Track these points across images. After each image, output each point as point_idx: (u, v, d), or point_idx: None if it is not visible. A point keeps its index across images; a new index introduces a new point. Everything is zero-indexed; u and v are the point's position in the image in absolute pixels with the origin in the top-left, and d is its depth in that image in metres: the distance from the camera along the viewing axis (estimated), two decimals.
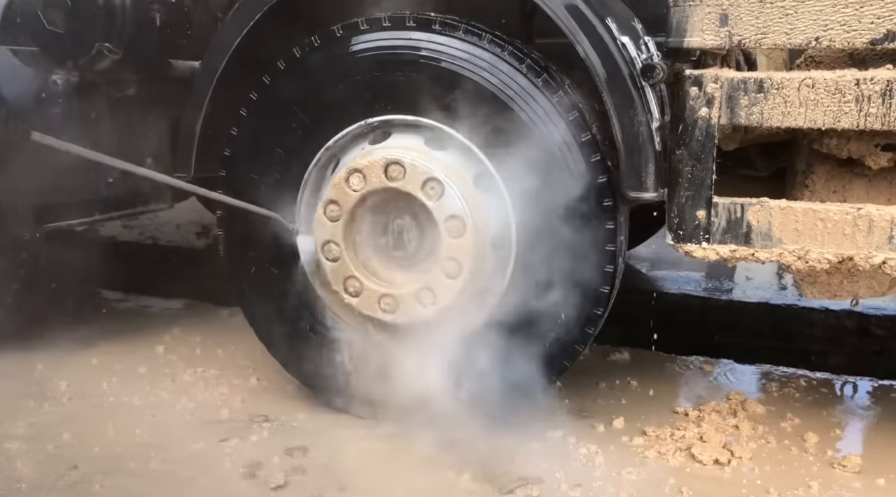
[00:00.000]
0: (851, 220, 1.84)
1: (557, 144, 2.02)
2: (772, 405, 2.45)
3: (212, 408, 2.39)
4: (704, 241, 1.97)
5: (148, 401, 2.44)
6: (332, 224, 2.18)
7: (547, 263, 2.08)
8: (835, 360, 2.82)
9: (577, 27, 1.96)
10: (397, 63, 2.08)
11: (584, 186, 2.03)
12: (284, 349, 2.37)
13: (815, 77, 1.82)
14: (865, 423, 2.46)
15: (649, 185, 1.96)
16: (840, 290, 2.10)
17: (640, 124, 1.94)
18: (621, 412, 2.37)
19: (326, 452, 2.14)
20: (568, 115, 2.02)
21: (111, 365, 2.71)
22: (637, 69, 1.94)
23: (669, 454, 2.15)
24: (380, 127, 2.16)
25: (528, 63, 2.03)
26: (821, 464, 2.11)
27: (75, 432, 2.23)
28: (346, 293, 2.20)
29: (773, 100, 1.86)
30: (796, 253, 1.89)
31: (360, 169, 2.11)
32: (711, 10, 1.87)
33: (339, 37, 2.14)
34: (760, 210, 1.91)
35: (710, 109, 1.90)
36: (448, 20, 2.07)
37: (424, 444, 2.12)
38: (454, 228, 2.08)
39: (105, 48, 2.37)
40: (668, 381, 2.68)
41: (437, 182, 2.06)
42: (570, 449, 2.17)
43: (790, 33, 1.83)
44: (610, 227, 2.05)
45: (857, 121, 1.80)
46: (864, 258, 1.84)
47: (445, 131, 2.09)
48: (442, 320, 2.13)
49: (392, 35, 2.10)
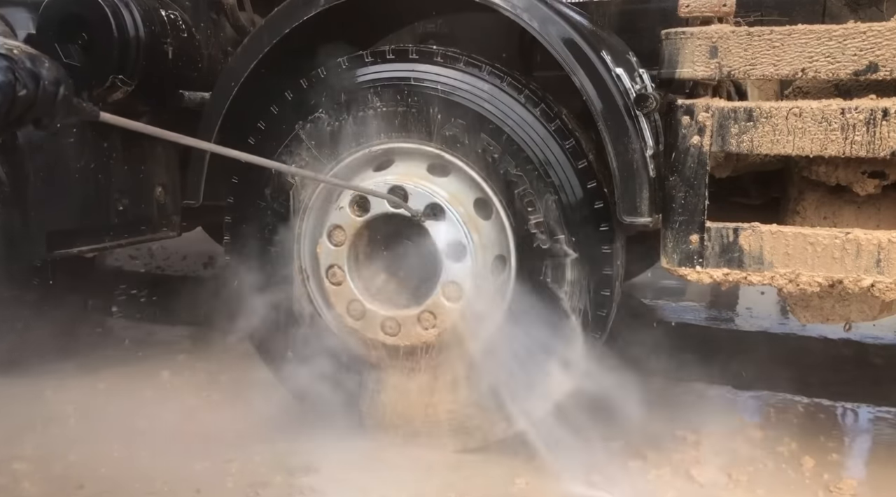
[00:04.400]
0: (840, 243, 1.89)
1: (555, 171, 2.09)
2: (770, 429, 2.47)
3: (216, 430, 2.42)
4: (698, 265, 2.02)
5: (153, 424, 2.48)
6: (336, 249, 2.24)
7: (545, 287, 2.13)
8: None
9: (574, 59, 2.04)
10: (400, 93, 2.16)
11: (581, 212, 2.09)
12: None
13: (802, 106, 1.89)
14: (862, 448, 2.48)
15: (644, 211, 2.02)
16: (832, 314, 2.14)
17: (635, 152, 2.01)
18: (620, 435, 2.39)
19: (329, 471, 2.17)
20: (565, 143, 2.09)
21: (117, 389, 2.75)
22: (631, 99, 2.02)
23: (668, 476, 2.17)
24: (383, 154, 2.23)
25: (527, 93, 2.11)
26: (816, 487, 2.13)
27: (82, 454, 2.26)
28: (349, 316, 2.25)
29: (763, 128, 1.92)
30: (787, 276, 1.93)
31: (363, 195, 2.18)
32: (702, 43, 1.95)
33: (345, 68, 2.23)
34: (752, 234, 1.97)
35: (701, 137, 1.97)
36: (449, 53, 2.16)
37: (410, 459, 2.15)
38: (455, 253, 2.13)
39: (119, 80, 2.46)
40: (667, 406, 2.70)
41: (438, 207, 2.13)
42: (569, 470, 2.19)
43: (777, 65, 1.90)
44: (607, 252, 2.10)
45: (843, 148, 1.86)
46: (853, 281, 1.89)
47: (446, 158, 2.16)
48: (442, 343, 2.18)
49: (395, 67, 2.19)
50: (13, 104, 1.40)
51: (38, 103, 1.44)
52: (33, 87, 1.43)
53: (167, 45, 2.55)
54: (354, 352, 2.31)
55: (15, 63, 1.41)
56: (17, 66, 1.41)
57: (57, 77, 1.48)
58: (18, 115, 1.43)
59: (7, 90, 1.39)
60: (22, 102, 1.41)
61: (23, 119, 1.45)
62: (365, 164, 2.26)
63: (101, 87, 2.46)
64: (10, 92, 1.39)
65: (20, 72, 1.41)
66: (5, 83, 1.38)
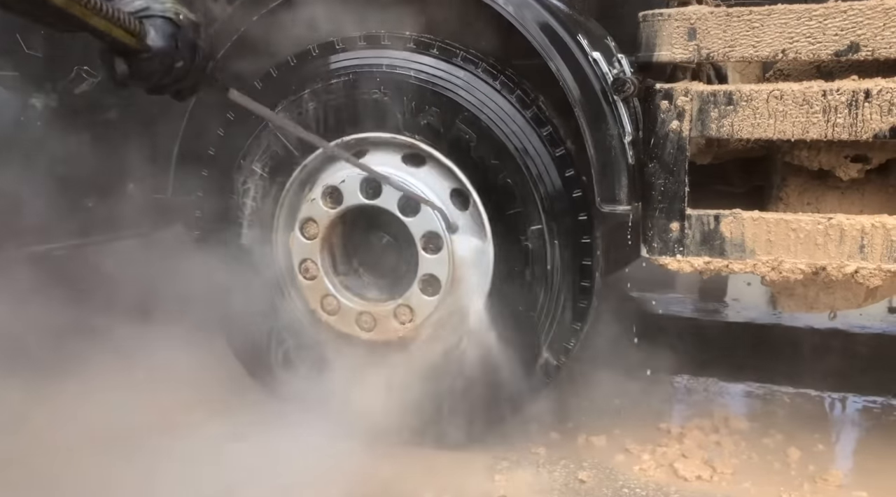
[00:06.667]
0: (823, 229, 1.84)
1: (532, 160, 2.03)
2: (755, 421, 2.43)
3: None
4: (679, 253, 1.97)
5: None
6: (309, 242, 2.18)
7: (524, 279, 2.08)
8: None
9: (550, 44, 1.99)
10: (372, 81, 2.10)
11: (560, 201, 2.03)
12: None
13: (783, 89, 1.84)
14: (848, 438, 2.44)
15: (622, 199, 1.97)
16: (816, 303, 2.10)
17: (613, 138, 1.96)
18: (604, 429, 2.35)
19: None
20: (542, 130, 2.03)
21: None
22: (609, 84, 1.96)
23: (651, 470, 2.13)
24: (356, 144, 2.17)
25: (502, 80, 2.05)
26: (802, 478, 2.09)
27: None
28: (323, 311, 2.19)
29: (743, 112, 1.88)
30: (770, 264, 1.89)
31: (336, 186, 2.12)
32: (679, 24, 1.90)
33: (315, 56, 2.16)
34: (733, 221, 1.92)
35: (681, 122, 1.92)
36: (423, 38, 2.10)
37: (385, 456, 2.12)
38: (431, 245, 2.08)
39: (84, 72, 2.39)
40: (652, 399, 2.66)
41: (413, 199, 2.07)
42: (552, 466, 2.15)
43: (757, 46, 1.86)
44: (586, 242, 2.05)
45: (826, 131, 1.82)
46: (836, 268, 1.85)
47: (421, 148, 2.10)
48: (419, 337, 2.13)
49: (367, 54, 2.13)
50: (165, 74, 1.35)
51: (189, 76, 1.39)
52: (189, 59, 1.38)
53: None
54: (329, 347, 2.25)
55: (179, 31, 1.34)
56: (181, 35, 1.35)
57: (211, 51, 1.44)
58: (166, 83, 1.38)
59: (166, 59, 1.33)
60: (176, 74, 1.36)
61: (168, 87, 1.40)
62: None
63: (66, 78, 2.39)
64: (169, 61, 1.34)
65: (182, 42, 1.35)
66: (166, 51, 1.32)
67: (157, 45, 1.31)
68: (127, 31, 1.27)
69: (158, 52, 1.32)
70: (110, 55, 1.32)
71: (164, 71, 1.34)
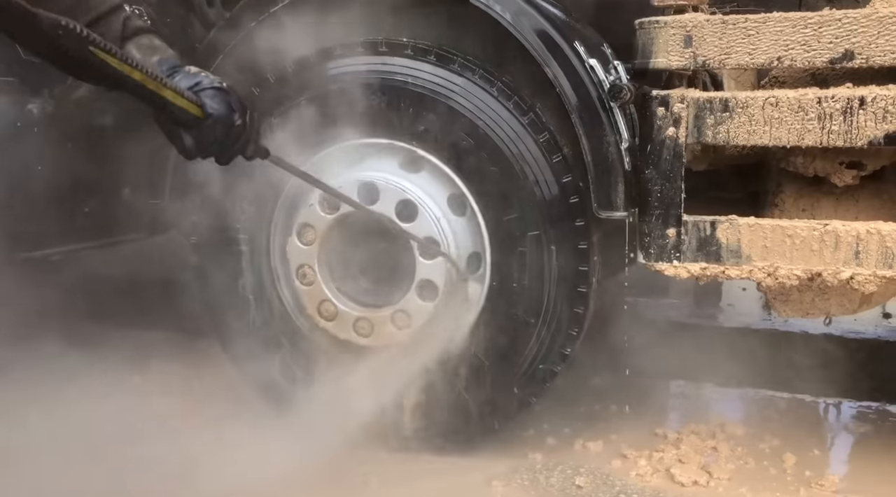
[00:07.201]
0: (818, 236, 1.85)
1: (529, 166, 2.04)
2: (751, 427, 2.44)
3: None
4: (675, 259, 1.98)
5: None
6: (306, 248, 2.19)
7: (521, 284, 2.08)
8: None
9: (547, 51, 2.00)
10: (370, 87, 2.11)
11: (556, 207, 2.04)
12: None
13: (779, 96, 1.85)
14: (844, 443, 2.45)
15: (619, 205, 1.97)
16: (812, 308, 2.11)
17: (609, 145, 1.97)
18: (600, 435, 2.36)
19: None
20: (539, 137, 2.04)
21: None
22: (605, 91, 1.97)
23: (648, 475, 2.13)
24: (353, 150, 2.17)
25: (499, 86, 2.06)
26: (798, 484, 2.10)
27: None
28: (320, 317, 2.19)
29: (739, 118, 1.89)
30: (766, 269, 1.90)
31: None
32: (676, 32, 1.91)
33: (313, 62, 2.17)
34: (729, 227, 1.93)
35: (677, 129, 1.93)
36: (420, 45, 2.10)
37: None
38: (428, 250, 2.08)
39: None
40: (648, 405, 2.67)
41: (410, 204, 2.08)
42: (548, 471, 2.15)
43: (753, 53, 1.87)
44: (583, 248, 2.06)
45: (821, 138, 1.83)
46: (832, 274, 1.85)
47: (419, 154, 2.11)
48: (417, 342, 2.13)
49: (365, 60, 2.13)
50: (226, 136, 1.47)
51: (246, 133, 1.51)
52: (243, 116, 1.50)
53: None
54: (326, 353, 2.25)
55: (229, 95, 1.48)
56: (232, 98, 1.48)
57: (253, 110, 1.57)
58: (228, 143, 1.50)
59: (226, 121, 1.46)
60: (235, 133, 1.48)
61: (230, 148, 1.51)
62: (335, 161, 2.20)
63: (62, 85, 2.39)
64: (229, 123, 1.46)
65: (234, 103, 1.48)
66: (225, 113, 1.45)
67: (216, 111, 1.45)
68: (190, 101, 1.42)
69: (219, 116, 1.46)
70: (177, 130, 1.46)
71: (225, 133, 1.47)
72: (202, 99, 1.46)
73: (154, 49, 1.54)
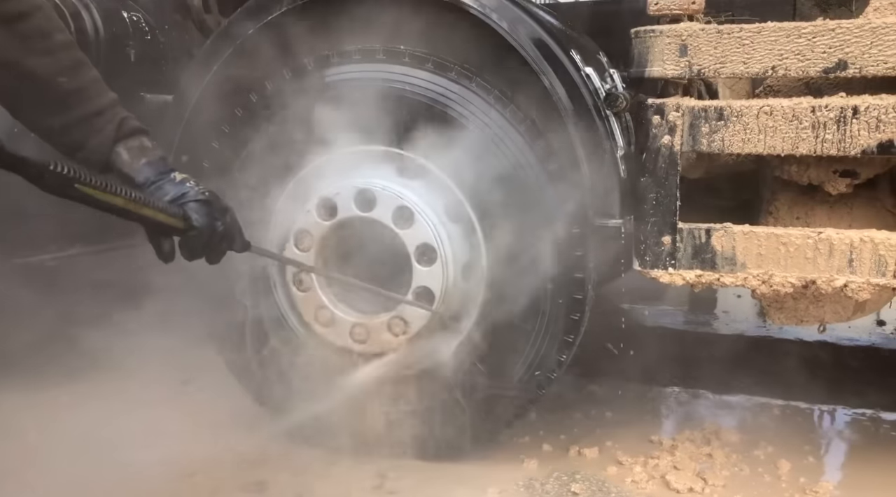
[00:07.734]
0: (812, 243, 1.87)
1: (525, 173, 2.05)
2: (746, 434, 2.45)
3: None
4: (671, 267, 1.99)
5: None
6: (303, 254, 2.19)
7: (518, 291, 2.09)
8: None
9: (543, 60, 2.01)
10: (367, 94, 2.12)
11: (552, 215, 2.05)
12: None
13: (773, 104, 1.87)
14: (838, 450, 2.46)
15: (615, 212, 1.99)
16: (806, 316, 2.12)
17: (605, 153, 1.98)
18: (596, 442, 2.36)
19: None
20: (535, 143, 2.05)
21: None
22: (601, 99, 1.99)
23: (643, 482, 2.14)
24: (351, 157, 2.18)
25: (496, 94, 2.07)
26: (793, 490, 2.10)
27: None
28: (317, 323, 2.19)
29: (734, 127, 1.90)
30: (760, 277, 1.91)
31: (331, 198, 2.13)
32: (671, 41, 1.92)
33: (311, 70, 2.18)
34: (724, 235, 1.94)
35: (672, 137, 1.94)
36: (417, 53, 2.12)
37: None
38: (425, 257, 2.09)
39: None
40: (643, 411, 2.67)
41: (407, 211, 2.08)
42: (544, 478, 2.15)
43: (747, 63, 1.89)
44: (579, 255, 2.06)
45: (815, 147, 1.85)
46: (826, 281, 1.87)
47: (416, 161, 2.12)
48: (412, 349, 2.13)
49: (362, 68, 2.14)
50: (212, 238, 1.60)
51: (230, 233, 1.65)
52: (224, 219, 1.63)
53: (129, 48, 2.49)
54: (323, 360, 2.25)
55: (210, 205, 1.60)
56: (213, 208, 1.60)
57: (231, 210, 1.69)
58: (214, 245, 1.62)
59: (210, 229, 1.59)
60: (220, 235, 1.61)
61: (217, 248, 1.64)
62: (332, 168, 2.20)
63: None
64: (213, 229, 1.60)
65: (217, 211, 1.61)
66: (209, 224, 1.58)
67: (200, 223, 1.56)
68: (171, 216, 1.53)
69: (203, 227, 1.57)
70: (157, 237, 1.56)
71: (210, 238, 1.60)
72: (187, 212, 1.56)
73: (143, 151, 1.62)
